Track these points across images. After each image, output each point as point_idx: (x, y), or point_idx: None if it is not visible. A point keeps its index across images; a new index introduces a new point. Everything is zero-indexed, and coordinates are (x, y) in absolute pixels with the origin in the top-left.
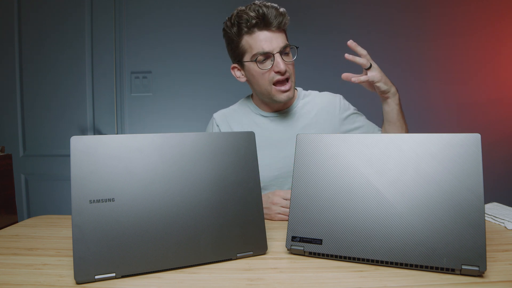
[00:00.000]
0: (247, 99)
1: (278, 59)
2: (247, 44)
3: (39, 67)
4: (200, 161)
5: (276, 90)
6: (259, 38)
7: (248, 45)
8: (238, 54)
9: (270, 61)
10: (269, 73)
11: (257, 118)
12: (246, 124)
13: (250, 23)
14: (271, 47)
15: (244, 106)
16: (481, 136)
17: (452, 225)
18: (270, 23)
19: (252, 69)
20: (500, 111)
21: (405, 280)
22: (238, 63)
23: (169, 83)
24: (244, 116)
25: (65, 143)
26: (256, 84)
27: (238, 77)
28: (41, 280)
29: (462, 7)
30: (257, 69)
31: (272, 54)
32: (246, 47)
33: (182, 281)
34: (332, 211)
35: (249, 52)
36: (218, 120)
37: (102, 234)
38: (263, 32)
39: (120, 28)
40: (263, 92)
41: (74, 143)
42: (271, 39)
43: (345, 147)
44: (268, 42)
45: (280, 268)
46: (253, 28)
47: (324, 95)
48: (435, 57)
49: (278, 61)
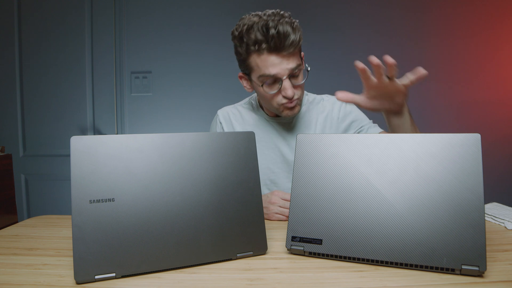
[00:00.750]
0: (253, 99)
1: (286, 85)
2: (255, 63)
3: (39, 67)
4: (200, 161)
5: (284, 108)
6: (267, 61)
7: (256, 64)
8: (245, 67)
9: (278, 85)
10: (277, 96)
11: (260, 120)
12: (248, 125)
13: (261, 46)
14: (280, 72)
15: (248, 106)
16: (481, 136)
17: (452, 225)
18: (282, 47)
19: (258, 89)
20: (500, 111)
21: (405, 280)
22: (246, 75)
23: (169, 83)
24: (247, 116)
25: (65, 143)
26: (264, 101)
27: (245, 87)
28: (41, 280)
29: (462, 7)
30: (263, 91)
31: (280, 78)
32: (253, 66)
33: (182, 281)
34: (332, 211)
35: (256, 72)
36: (222, 118)
37: (102, 234)
38: (272, 56)
39: (120, 28)
40: (270, 108)
41: (74, 143)
42: (280, 63)
43: (345, 147)
44: (277, 66)
45: (280, 268)
46: (262, 50)
47: (327, 102)
48: (435, 57)
49: (286, 87)
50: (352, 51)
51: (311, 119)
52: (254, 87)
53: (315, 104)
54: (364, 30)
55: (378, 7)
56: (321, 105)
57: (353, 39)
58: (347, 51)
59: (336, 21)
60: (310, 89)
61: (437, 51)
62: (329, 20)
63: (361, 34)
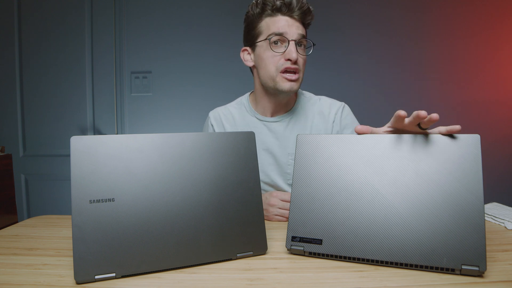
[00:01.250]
0: (244, 99)
1: (291, 47)
2: (266, 25)
3: (39, 67)
4: (200, 161)
5: (281, 78)
6: (279, 20)
7: (267, 25)
8: (253, 35)
9: (284, 46)
10: (279, 59)
11: (251, 120)
12: (239, 125)
13: (275, 5)
14: (289, 32)
15: (240, 106)
16: (481, 136)
17: (452, 225)
18: (294, 10)
19: (262, 51)
20: (500, 111)
21: (405, 280)
22: (250, 46)
23: (169, 83)
24: (238, 117)
25: (65, 143)
26: (264, 68)
27: (246, 60)
28: (41, 280)
29: (462, 7)
30: (268, 50)
31: (287, 40)
32: (264, 28)
33: (182, 281)
34: (332, 211)
35: (265, 33)
36: (213, 119)
37: (102, 234)
38: (284, 17)
39: (120, 28)
40: (268, 77)
41: (74, 143)
42: (291, 25)
43: (345, 148)
44: (287, 27)
45: (280, 268)
46: (276, 12)
47: (324, 103)
48: (435, 57)
49: (291, 49)
50: (352, 51)
51: (306, 120)
52: (256, 56)
53: (311, 104)
54: (364, 30)
55: (378, 7)
56: (318, 106)
57: (353, 39)
58: (347, 51)
59: (336, 21)
60: (310, 89)
61: (437, 51)
62: (329, 20)
63: (361, 34)
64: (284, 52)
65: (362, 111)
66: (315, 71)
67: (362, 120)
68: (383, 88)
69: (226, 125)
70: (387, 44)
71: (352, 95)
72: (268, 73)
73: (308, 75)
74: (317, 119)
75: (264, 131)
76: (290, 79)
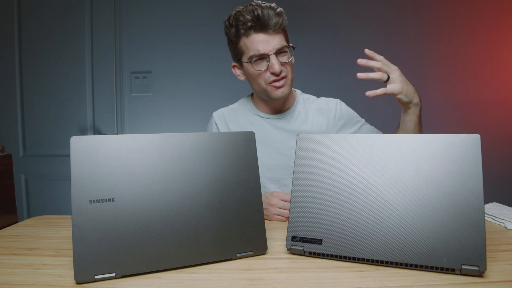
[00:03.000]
0: (246, 99)
1: (273, 61)
2: (244, 45)
3: (39, 67)
4: (200, 161)
5: (271, 88)
6: (255, 40)
7: (245, 46)
8: (237, 53)
9: (266, 62)
10: (265, 73)
11: (254, 118)
12: (242, 123)
13: (246, 25)
14: (266, 49)
15: (243, 105)
16: (481, 136)
17: (452, 225)
18: (266, 25)
19: (249, 70)
20: (500, 111)
21: (405, 280)
22: (238, 62)
23: (169, 83)
24: (241, 116)
25: (65, 143)
26: (254, 83)
27: (238, 75)
28: (41, 280)
29: (462, 7)
30: (253, 70)
31: (267, 55)
32: (244, 48)
33: (182, 281)
34: (332, 211)
35: (246, 54)
36: (217, 119)
37: (102, 234)
38: (258, 35)
39: (120, 28)
40: (260, 90)
41: (74, 143)
42: (267, 41)
43: (345, 148)
44: (264, 44)
45: (280, 268)
46: (250, 30)
47: (322, 101)
48: (435, 57)
49: (273, 63)
50: (351, 51)
51: (307, 116)
52: (245, 72)
53: (310, 103)
54: (364, 30)
55: (378, 7)
56: (316, 104)
57: (353, 39)
58: (346, 51)
59: (336, 21)
60: (310, 89)
61: (437, 51)
62: (328, 20)
63: (361, 34)
64: (267, 67)
65: (361, 111)
66: (315, 71)
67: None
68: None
69: (230, 125)
70: (386, 44)
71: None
72: (259, 87)
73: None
74: (317, 116)
75: (267, 128)
76: (278, 86)
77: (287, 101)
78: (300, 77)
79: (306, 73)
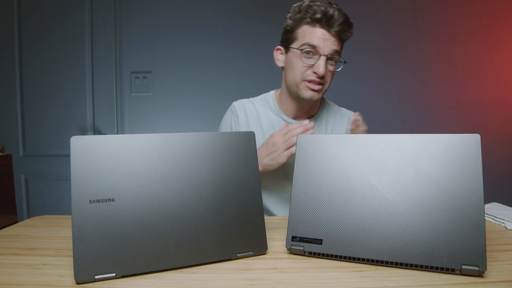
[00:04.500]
0: (269, 96)
1: (321, 62)
2: (303, 32)
3: (39, 67)
4: (200, 161)
5: (305, 85)
6: (316, 32)
7: (303, 34)
8: (289, 38)
9: (314, 59)
10: (307, 69)
11: (277, 120)
12: (263, 123)
13: (315, 17)
14: (322, 46)
15: (265, 103)
16: (481, 136)
17: (452, 225)
18: (333, 25)
19: (293, 58)
20: (500, 111)
21: (405, 280)
22: (285, 47)
23: (169, 83)
24: (263, 114)
25: (65, 143)
26: (291, 73)
27: (277, 60)
28: (41, 280)
29: (462, 7)
30: (299, 59)
31: (319, 54)
32: (300, 35)
33: (182, 281)
34: (332, 211)
35: (300, 40)
36: (239, 110)
37: (102, 234)
38: (322, 30)
39: (120, 28)
40: (293, 82)
41: (74, 143)
42: (326, 38)
43: (345, 148)
44: (322, 40)
45: (280, 268)
46: (316, 22)
47: (344, 113)
48: (435, 57)
49: (320, 64)
50: (351, 51)
51: (327, 126)
52: (287, 59)
53: (334, 112)
54: (364, 30)
55: (377, 7)
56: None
57: (353, 39)
58: (346, 51)
59: None
60: None
61: (437, 51)
62: None
63: (361, 34)
64: (313, 65)
65: (361, 111)
66: None
67: None
68: (382, 88)
69: (251, 120)
70: (386, 44)
71: (352, 95)
72: (294, 79)
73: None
74: (335, 129)
75: None
76: (312, 89)
77: (311, 108)
78: None
79: None
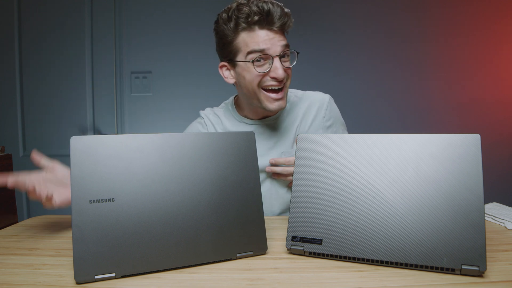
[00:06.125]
0: (229, 105)
1: (277, 64)
2: (243, 41)
3: (39, 67)
4: (200, 161)
5: (266, 97)
6: (259, 36)
7: (244, 43)
8: (230, 51)
9: (268, 64)
10: (263, 76)
11: (241, 126)
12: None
13: (252, 19)
14: (271, 49)
15: (227, 113)
16: (481, 136)
17: (452, 225)
18: (274, 22)
19: (244, 71)
20: (500, 111)
21: (405, 280)
22: (229, 62)
23: (169, 83)
24: (226, 122)
25: (65, 143)
26: (245, 87)
27: (226, 77)
28: (41, 280)
29: (462, 7)
30: (252, 70)
31: (271, 57)
32: (241, 45)
33: (182, 281)
34: (332, 211)
35: (243, 51)
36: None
37: (102, 234)
38: (263, 31)
39: (120, 28)
40: (252, 95)
41: (74, 143)
42: (271, 39)
43: (345, 148)
44: (268, 42)
45: (280, 268)
46: (254, 25)
47: (310, 97)
48: (435, 57)
49: (277, 66)
50: (351, 51)
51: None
52: (237, 73)
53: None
54: (363, 30)
55: (378, 7)
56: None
57: (353, 39)
58: (346, 51)
59: (336, 21)
60: (310, 89)
61: (437, 51)
62: (328, 20)
63: (361, 34)
64: (269, 71)
65: (361, 111)
66: (315, 71)
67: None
68: (382, 88)
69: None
70: (386, 44)
71: (352, 96)
72: (251, 92)
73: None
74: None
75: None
76: (276, 98)
77: None
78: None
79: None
